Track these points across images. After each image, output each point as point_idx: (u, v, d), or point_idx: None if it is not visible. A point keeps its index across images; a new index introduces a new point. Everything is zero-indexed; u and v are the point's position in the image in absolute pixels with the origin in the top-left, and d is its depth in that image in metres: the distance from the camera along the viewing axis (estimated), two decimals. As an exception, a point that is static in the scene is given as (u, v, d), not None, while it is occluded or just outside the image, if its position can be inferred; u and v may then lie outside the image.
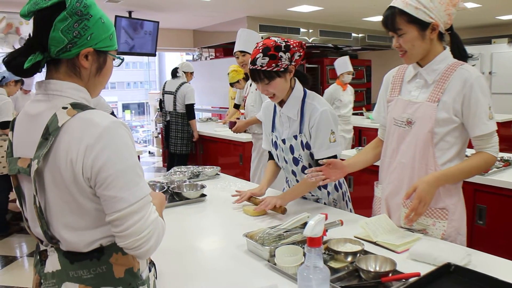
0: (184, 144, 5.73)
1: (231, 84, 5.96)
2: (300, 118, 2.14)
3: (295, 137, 2.16)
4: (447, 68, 1.73)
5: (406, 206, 1.81)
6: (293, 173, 2.25)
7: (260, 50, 2.01)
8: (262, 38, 2.77)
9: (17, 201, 1.22)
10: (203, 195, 2.42)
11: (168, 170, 6.03)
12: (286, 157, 2.26)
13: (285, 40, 2.04)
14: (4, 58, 1.10)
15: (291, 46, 2.02)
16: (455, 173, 1.73)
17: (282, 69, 2.02)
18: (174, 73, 5.77)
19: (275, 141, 2.30)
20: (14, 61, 1.09)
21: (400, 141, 1.85)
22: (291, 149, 2.21)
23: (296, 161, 2.20)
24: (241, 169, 4.90)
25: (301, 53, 2.07)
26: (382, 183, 1.98)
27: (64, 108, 1.09)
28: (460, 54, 1.78)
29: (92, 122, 1.06)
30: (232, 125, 4.00)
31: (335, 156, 2.09)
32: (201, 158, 5.90)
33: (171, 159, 5.94)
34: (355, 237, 1.73)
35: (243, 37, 3.76)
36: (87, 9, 1.12)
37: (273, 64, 2.00)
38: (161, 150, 8.51)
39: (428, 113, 1.73)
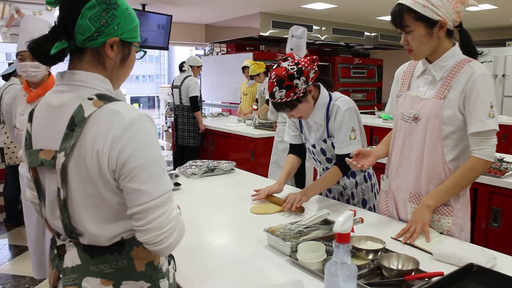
0: (192, 137, 5.76)
1: (252, 77, 6.01)
2: (326, 122, 2.14)
3: (324, 141, 2.18)
4: (455, 65, 1.72)
5: (412, 201, 1.85)
6: (327, 169, 2.27)
7: (275, 83, 1.96)
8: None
9: (34, 193, 1.19)
10: (177, 184, 2.53)
11: (175, 162, 6.12)
12: (319, 158, 2.29)
13: (296, 62, 1.97)
14: (29, 44, 1.08)
15: (303, 68, 1.96)
16: (446, 192, 1.73)
17: (301, 94, 1.99)
18: (181, 67, 5.84)
19: (304, 142, 2.33)
20: (39, 48, 1.07)
21: (407, 136, 1.86)
22: (323, 151, 2.23)
23: (329, 160, 2.24)
24: (252, 165, 4.89)
25: (315, 69, 2.02)
26: (389, 177, 2.00)
27: (90, 99, 1.07)
28: (470, 51, 1.77)
29: (119, 114, 1.05)
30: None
31: None
32: (212, 153, 5.90)
33: (179, 152, 5.98)
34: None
35: None
36: None
37: (291, 94, 1.97)
38: (170, 144, 8.53)
39: (434, 110, 1.74)
